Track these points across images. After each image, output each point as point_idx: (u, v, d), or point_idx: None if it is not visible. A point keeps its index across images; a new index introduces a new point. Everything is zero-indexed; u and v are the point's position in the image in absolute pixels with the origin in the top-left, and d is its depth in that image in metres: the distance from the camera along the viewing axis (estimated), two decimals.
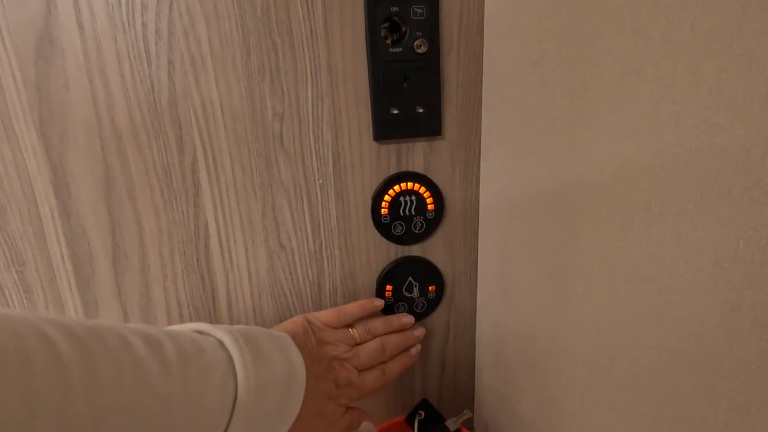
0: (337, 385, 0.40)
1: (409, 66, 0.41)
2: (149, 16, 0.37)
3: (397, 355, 0.46)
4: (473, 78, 0.44)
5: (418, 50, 0.41)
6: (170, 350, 0.28)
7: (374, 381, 0.43)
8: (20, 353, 0.20)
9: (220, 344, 0.32)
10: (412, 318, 0.48)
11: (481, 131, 0.46)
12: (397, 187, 0.45)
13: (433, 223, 0.47)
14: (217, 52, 0.39)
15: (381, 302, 0.47)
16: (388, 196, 0.45)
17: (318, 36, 0.40)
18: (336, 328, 0.43)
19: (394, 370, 0.45)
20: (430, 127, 0.44)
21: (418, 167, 0.46)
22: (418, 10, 0.40)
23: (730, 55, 0.20)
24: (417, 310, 0.50)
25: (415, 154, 0.45)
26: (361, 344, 0.44)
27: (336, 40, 0.41)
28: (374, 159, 0.44)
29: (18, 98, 0.38)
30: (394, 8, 0.40)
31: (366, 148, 0.44)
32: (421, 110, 0.43)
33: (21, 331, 0.21)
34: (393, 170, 0.45)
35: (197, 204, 0.42)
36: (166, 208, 0.42)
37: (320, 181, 0.44)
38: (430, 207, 0.46)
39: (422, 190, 0.46)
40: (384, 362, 0.45)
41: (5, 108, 0.38)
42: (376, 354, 0.44)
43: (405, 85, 0.42)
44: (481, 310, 0.51)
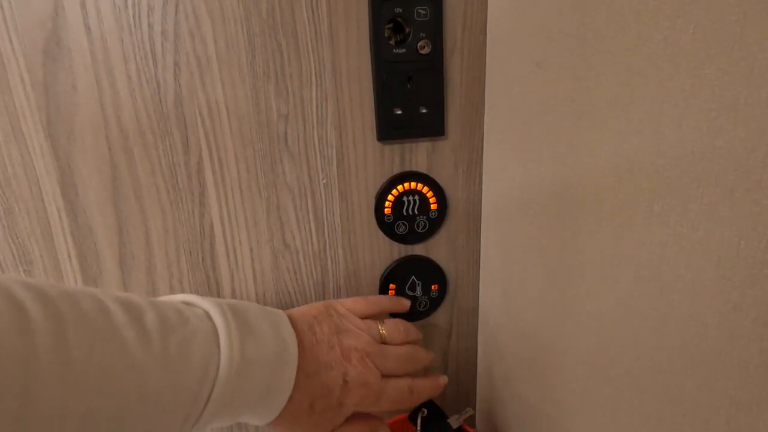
0: (346, 381, 0.35)
1: (412, 67, 0.42)
2: (155, 17, 0.38)
3: (425, 376, 0.40)
4: (476, 79, 0.44)
5: (421, 51, 0.41)
6: (151, 319, 0.27)
7: (398, 393, 0.37)
8: None
9: (207, 316, 0.31)
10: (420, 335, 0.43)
11: (483, 131, 0.46)
12: (400, 187, 0.45)
13: (436, 223, 0.47)
14: (222, 53, 0.39)
15: (408, 303, 0.45)
16: (391, 195, 0.45)
17: (323, 38, 0.40)
18: (362, 317, 0.39)
19: (423, 391, 0.39)
20: (433, 127, 0.44)
21: (422, 167, 0.46)
22: (422, 11, 0.40)
23: (732, 59, 0.21)
24: (420, 309, 0.50)
25: (419, 154, 0.45)
26: (389, 344, 0.39)
27: (340, 42, 0.41)
28: (378, 159, 0.45)
29: (26, 99, 0.38)
30: (398, 9, 0.40)
31: (370, 149, 0.44)
32: (424, 111, 0.43)
33: None
34: (396, 170, 0.45)
35: (203, 204, 0.43)
36: (172, 208, 0.42)
37: (324, 181, 0.44)
38: (433, 206, 0.47)
39: (425, 189, 0.46)
40: (412, 377, 0.39)
41: (13, 108, 0.38)
42: (406, 361, 0.38)
43: (408, 85, 0.42)
44: (484, 309, 0.52)
